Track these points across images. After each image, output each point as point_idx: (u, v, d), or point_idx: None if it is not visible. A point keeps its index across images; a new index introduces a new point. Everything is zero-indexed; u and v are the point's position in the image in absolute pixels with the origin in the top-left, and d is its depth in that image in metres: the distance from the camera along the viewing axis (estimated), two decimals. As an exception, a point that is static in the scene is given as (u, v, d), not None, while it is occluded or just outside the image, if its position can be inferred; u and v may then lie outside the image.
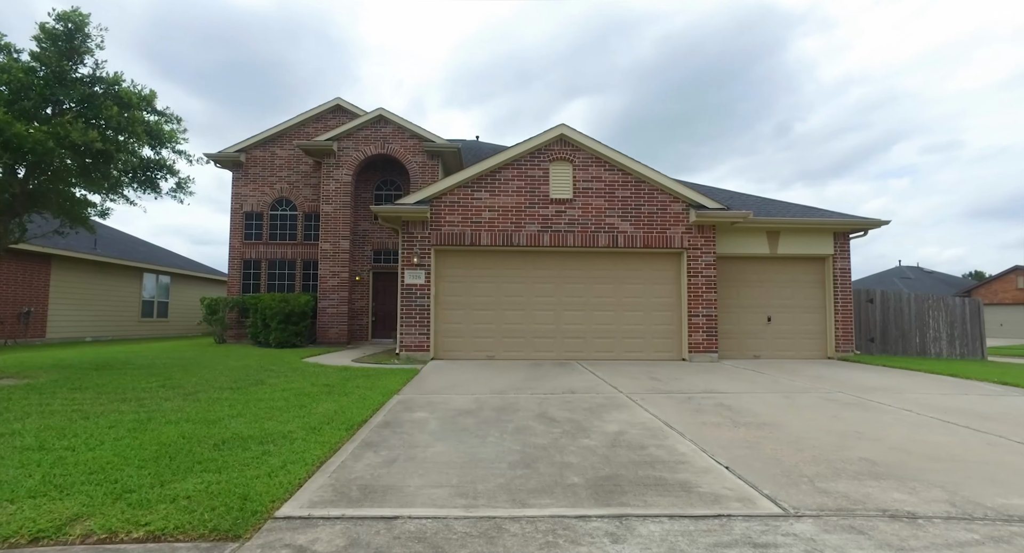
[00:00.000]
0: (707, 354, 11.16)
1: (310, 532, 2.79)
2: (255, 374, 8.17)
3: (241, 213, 17.33)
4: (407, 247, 11.20)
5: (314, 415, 5.30)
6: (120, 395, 6.23)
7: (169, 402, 5.80)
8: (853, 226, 12.04)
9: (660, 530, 2.83)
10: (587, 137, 11.38)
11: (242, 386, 6.94)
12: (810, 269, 12.31)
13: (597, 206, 11.42)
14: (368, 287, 17.04)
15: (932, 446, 4.50)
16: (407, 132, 16.37)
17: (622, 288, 11.52)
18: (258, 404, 5.74)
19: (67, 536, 2.63)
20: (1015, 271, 38.42)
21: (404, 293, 11.10)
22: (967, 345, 15.63)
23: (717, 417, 5.63)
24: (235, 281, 17.05)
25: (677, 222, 11.42)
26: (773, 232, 11.97)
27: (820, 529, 2.82)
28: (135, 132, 7.42)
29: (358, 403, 5.98)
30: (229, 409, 5.45)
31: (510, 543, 2.68)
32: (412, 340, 10.99)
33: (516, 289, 11.46)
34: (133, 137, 7.51)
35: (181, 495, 3.10)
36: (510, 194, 11.38)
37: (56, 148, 6.57)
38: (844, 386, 7.81)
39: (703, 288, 11.33)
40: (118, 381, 7.32)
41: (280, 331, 13.92)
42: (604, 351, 11.33)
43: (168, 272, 23.38)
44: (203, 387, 6.84)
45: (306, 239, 17.46)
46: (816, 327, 12.18)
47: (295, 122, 17.72)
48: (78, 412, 5.31)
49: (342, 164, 16.14)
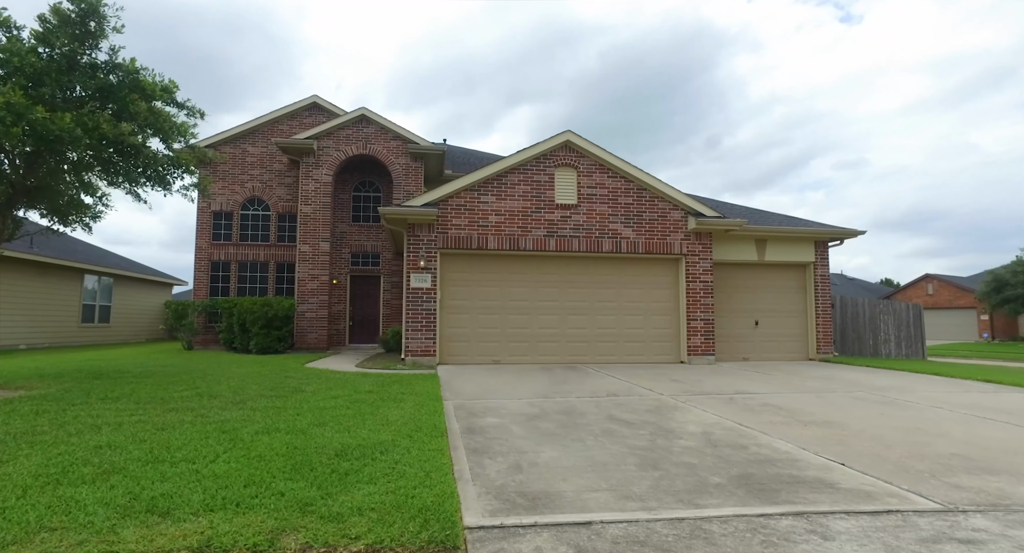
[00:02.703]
0: (705, 357, 11.59)
1: (522, 541, 2.71)
2: (280, 381, 7.74)
3: (209, 212, 16.36)
4: (413, 250, 10.97)
5: (393, 423, 5.11)
6: (165, 405, 5.74)
7: (227, 411, 5.41)
8: (832, 235, 12.89)
9: (855, 527, 2.94)
10: (592, 144, 11.59)
11: (283, 394, 6.56)
12: (793, 276, 13.06)
13: (601, 212, 11.63)
14: (345, 291, 16.51)
15: (997, 441, 4.91)
16: (390, 133, 16.04)
17: (624, 293, 11.77)
18: (323, 412, 5.46)
19: (286, 549, 2.44)
20: (926, 279, 42.10)
21: (410, 297, 10.85)
22: (911, 346, 17.00)
23: (776, 416, 5.88)
24: (202, 284, 16.05)
25: (676, 229, 11.81)
26: (761, 240, 12.61)
27: (1001, 525, 3.01)
28: (162, 129, 6.86)
29: (421, 410, 5.81)
30: (303, 418, 5.15)
31: (729, 543, 2.71)
32: (418, 345, 10.76)
33: (521, 293, 11.46)
34: (160, 133, 6.94)
35: (364, 507, 2.93)
36: (516, 198, 11.39)
37: (83, 137, 5.96)
38: (856, 386, 8.33)
39: (701, 293, 11.77)
40: (144, 390, 6.73)
41: (262, 336, 13.23)
42: (607, 354, 11.53)
43: (111, 273, 21.63)
44: (243, 396, 6.40)
45: (280, 241, 16.71)
46: (798, 330, 12.92)
47: (268, 119, 16.95)
48: (144, 423, 4.87)
49: (322, 164, 15.59)
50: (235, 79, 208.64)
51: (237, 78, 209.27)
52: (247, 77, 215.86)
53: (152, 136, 7.25)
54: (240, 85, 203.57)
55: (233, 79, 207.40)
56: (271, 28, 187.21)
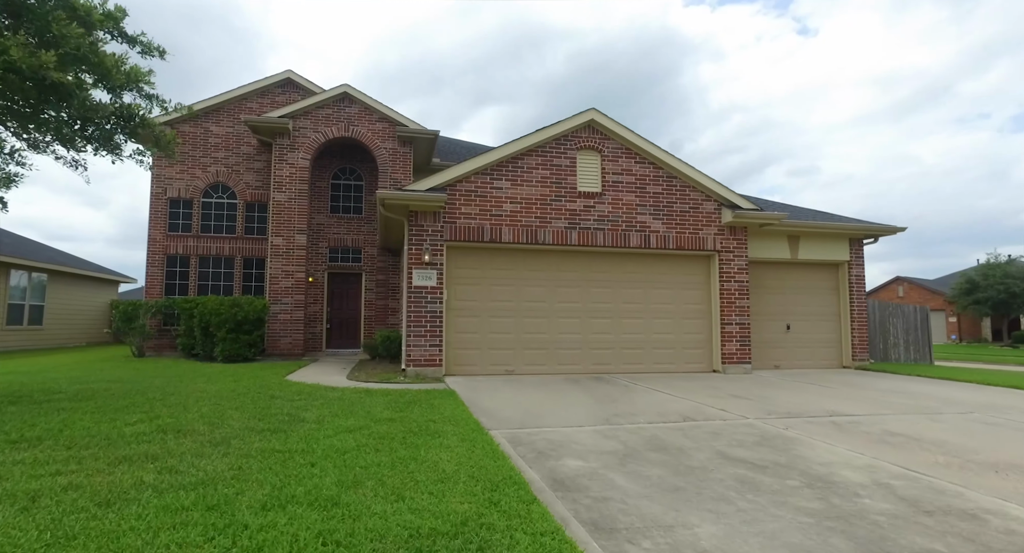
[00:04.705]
0: (740, 365, 10.39)
1: None
2: (266, 404, 6.01)
3: (164, 199, 14.26)
4: (415, 243, 9.36)
5: (452, 477, 3.58)
6: (112, 450, 3.98)
7: (206, 461, 3.74)
8: (869, 231, 11.91)
9: None
10: (618, 124, 10.22)
11: (277, 426, 4.89)
12: (826, 276, 12.02)
13: (628, 202, 10.28)
14: (323, 289, 14.69)
15: None
16: (376, 114, 14.31)
17: (652, 294, 10.46)
18: (346, 460, 3.86)
19: None
20: (896, 281, 42.72)
21: (412, 297, 9.25)
22: (919, 350, 16.34)
23: (929, 454, 4.60)
24: (156, 281, 13.94)
25: (709, 222, 10.58)
26: (794, 236, 11.52)
27: None
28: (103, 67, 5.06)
29: (474, 450, 4.29)
30: (323, 473, 3.53)
31: None
32: (421, 353, 9.16)
33: (538, 294, 10.00)
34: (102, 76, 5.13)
35: None
36: (534, 184, 9.92)
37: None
38: (946, 403, 7.22)
39: (736, 294, 10.57)
40: (80, 423, 4.92)
41: (230, 342, 11.34)
42: (634, 363, 10.19)
43: (44, 269, 18.99)
44: (224, 431, 4.68)
45: (248, 233, 14.74)
46: (832, 335, 11.88)
47: (235, 95, 14.95)
48: (75, 492, 3.14)
49: (298, 146, 13.74)
50: (194, 72, 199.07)
51: (197, 71, 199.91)
52: (206, 70, 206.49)
53: (95, 85, 5.45)
54: (199, 78, 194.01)
55: (192, 72, 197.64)
56: (233, 21, 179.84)
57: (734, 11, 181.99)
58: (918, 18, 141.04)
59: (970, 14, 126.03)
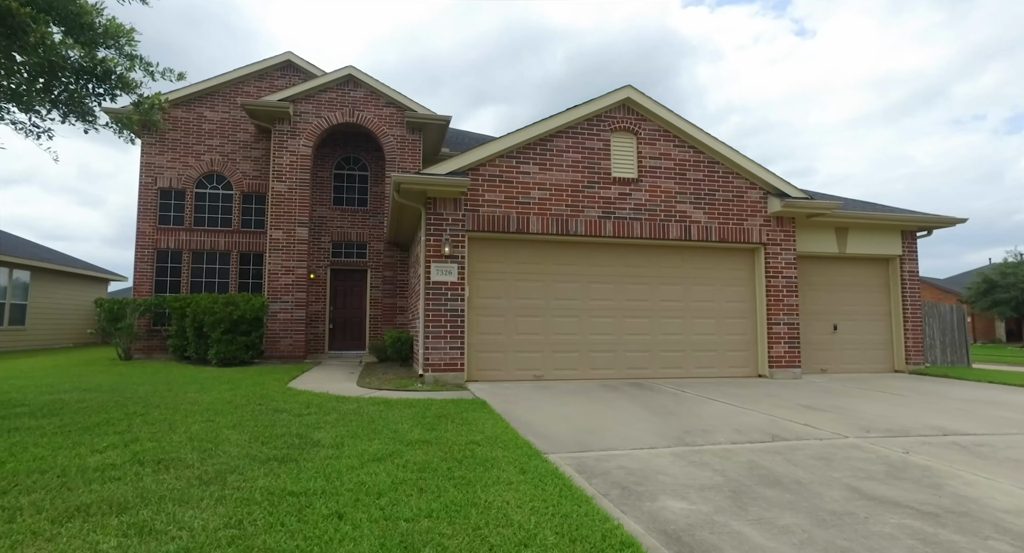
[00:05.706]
0: (789, 369, 9.42)
1: None
2: (270, 419, 5.00)
3: (155, 190, 13.20)
4: (434, 234, 8.36)
5: (532, 536, 2.59)
6: (63, 497, 2.95)
7: (191, 511, 2.73)
8: (923, 223, 10.95)
9: None
10: (656, 103, 9.24)
11: (285, 451, 3.88)
12: (875, 271, 11.07)
13: (667, 189, 9.30)
14: (325, 287, 13.66)
15: None
16: (383, 98, 13.31)
17: (692, 291, 9.48)
18: (384, 508, 2.85)
19: None
20: (907, 281, 41.80)
21: (430, 294, 8.25)
22: (956, 352, 15.40)
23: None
24: (145, 277, 12.88)
25: (755, 212, 9.61)
26: (842, 228, 10.56)
27: None
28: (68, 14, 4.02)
29: (544, 487, 3.30)
30: (360, 537, 2.52)
31: None
32: (441, 357, 8.16)
33: (569, 290, 9.01)
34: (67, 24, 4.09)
35: None
36: (564, 169, 8.93)
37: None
38: (1053, 413, 6.29)
39: (783, 291, 9.60)
40: (33, 450, 3.89)
41: (225, 343, 10.30)
42: (672, 367, 9.21)
43: (28, 266, 17.87)
44: (219, 459, 3.68)
45: (245, 226, 13.71)
46: (882, 337, 10.94)
47: (231, 78, 13.91)
48: None
49: (299, 132, 12.72)
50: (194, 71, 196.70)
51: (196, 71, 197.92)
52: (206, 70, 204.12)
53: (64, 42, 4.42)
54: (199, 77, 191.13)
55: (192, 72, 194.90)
56: (233, 20, 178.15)
57: (732, 12, 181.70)
58: (914, 21, 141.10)
59: (965, 17, 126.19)
